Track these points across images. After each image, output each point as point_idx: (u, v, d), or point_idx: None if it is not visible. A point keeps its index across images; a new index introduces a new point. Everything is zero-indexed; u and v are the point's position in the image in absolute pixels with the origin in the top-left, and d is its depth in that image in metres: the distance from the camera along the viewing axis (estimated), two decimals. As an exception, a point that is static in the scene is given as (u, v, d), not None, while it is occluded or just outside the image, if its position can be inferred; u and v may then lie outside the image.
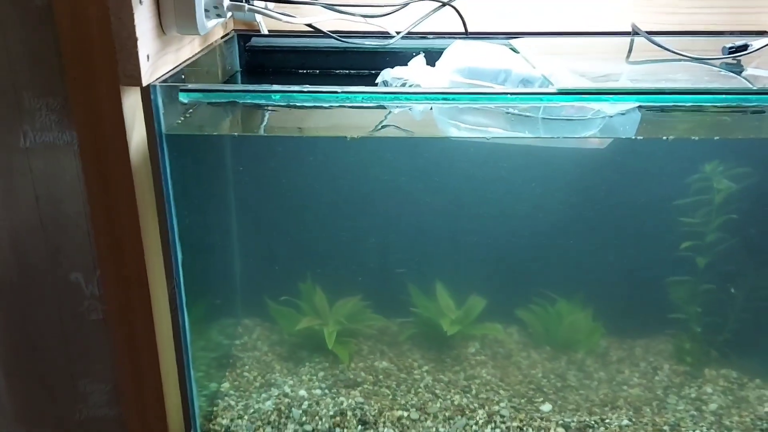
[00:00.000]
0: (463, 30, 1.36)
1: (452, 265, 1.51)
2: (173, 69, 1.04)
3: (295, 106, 1.02)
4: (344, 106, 1.02)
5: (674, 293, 1.43)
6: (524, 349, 1.50)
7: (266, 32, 1.39)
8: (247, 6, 1.14)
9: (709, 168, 1.38)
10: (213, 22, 1.09)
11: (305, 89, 1.00)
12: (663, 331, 1.48)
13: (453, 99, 1.04)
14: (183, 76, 1.06)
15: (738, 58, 1.20)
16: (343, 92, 1.01)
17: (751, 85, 1.07)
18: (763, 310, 1.40)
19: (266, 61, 1.37)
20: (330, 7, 1.24)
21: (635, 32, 1.28)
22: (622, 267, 1.45)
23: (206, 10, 1.06)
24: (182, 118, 1.07)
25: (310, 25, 1.25)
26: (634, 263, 1.44)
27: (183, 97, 1.01)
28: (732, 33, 1.43)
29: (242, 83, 1.35)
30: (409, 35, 1.33)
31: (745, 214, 1.37)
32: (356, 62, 1.38)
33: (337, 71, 1.37)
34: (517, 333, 1.53)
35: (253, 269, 1.50)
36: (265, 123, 1.14)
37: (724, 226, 1.36)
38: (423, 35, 1.36)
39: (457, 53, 1.24)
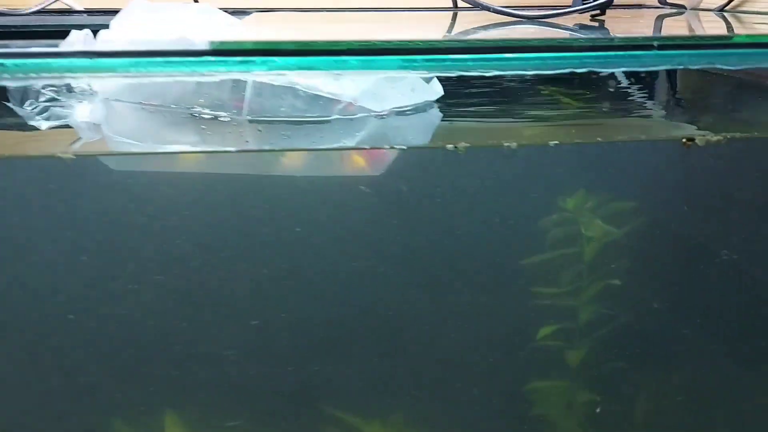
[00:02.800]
0: None
1: (190, 382, 0.92)
2: None
3: None
4: None
5: (540, 406, 0.90)
6: None
7: None
8: None
9: (572, 204, 0.88)
10: None
11: None
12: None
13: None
14: None
15: (598, 16, 0.72)
16: None
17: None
18: (679, 425, 0.89)
19: None
20: None
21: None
22: (459, 371, 0.91)
23: None
24: None
25: None
26: (476, 363, 0.91)
27: None
28: None
29: None
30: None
31: (636, 276, 0.88)
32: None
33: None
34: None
35: None
36: None
37: (603, 296, 0.85)
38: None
39: (131, 18, 0.71)
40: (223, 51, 0.44)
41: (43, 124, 0.81)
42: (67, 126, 0.81)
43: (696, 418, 0.90)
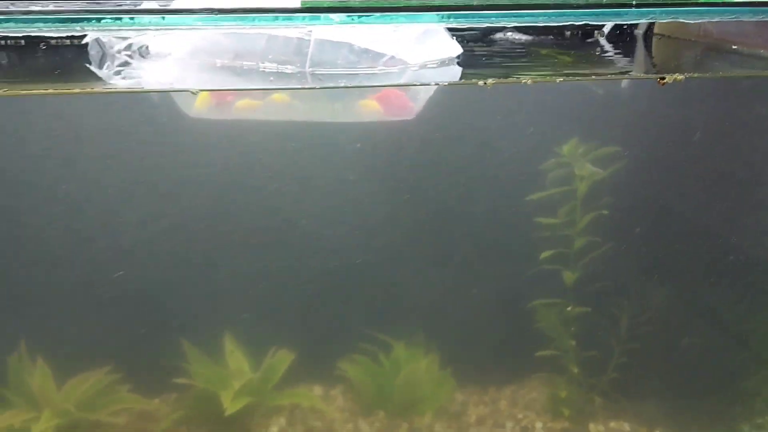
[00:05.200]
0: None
1: (243, 304, 1.07)
2: None
3: None
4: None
5: (540, 321, 1.06)
6: (351, 419, 1.08)
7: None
8: None
9: (567, 150, 1.04)
10: None
11: None
12: (532, 374, 1.10)
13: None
14: None
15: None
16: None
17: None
18: (655, 337, 1.06)
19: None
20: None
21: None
22: (470, 291, 1.07)
23: None
24: None
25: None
26: (486, 285, 1.07)
27: None
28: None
29: None
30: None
31: (620, 209, 1.04)
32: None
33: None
34: (341, 396, 1.11)
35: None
36: None
37: (593, 226, 1.02)
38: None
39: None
40: (312, 8, 0.59)
41: (120, 83, 0.95)
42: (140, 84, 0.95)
43: (671, 330, 1.07)
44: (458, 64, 0.85)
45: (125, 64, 0.95)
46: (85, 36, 0.92)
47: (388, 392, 1.09)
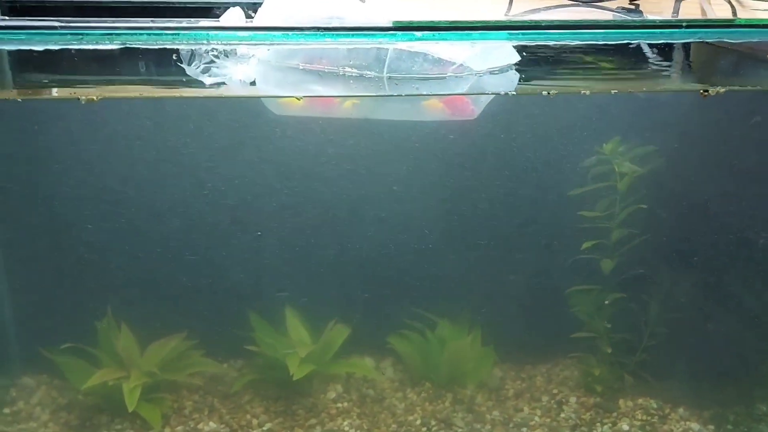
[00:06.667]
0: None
1: (304, 282, 1.18)
2: None
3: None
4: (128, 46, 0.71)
5: (577, 306, 1.15)
6: (400, 389, 1.18)
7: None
8: None
9: (608, 148, 1.12)
10: None
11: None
12: (567, 353, 1.20)
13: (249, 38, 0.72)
14: None
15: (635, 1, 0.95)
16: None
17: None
18: (682, 322, 1.15)
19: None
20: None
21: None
22: (513, 275, 1.16)
23: None
24: None
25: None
26: (528, 270, 1.16)
27: None
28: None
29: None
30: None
31: (656, 203, 1.12)
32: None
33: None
34: (391, 368, 1.21)
35: (31, 306, 1.11)
36: None
37: (631, 219, 1.10)
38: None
39: (278, 1, 0.93)
40: (401, 27, 0.68)
41: (207, 80, 1.05)
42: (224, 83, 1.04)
43: (697, 316, 1.15)
44: (516, 70, 0.93)
45: (211, 63, 1.05)
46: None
47: (433, 366, 1.19)
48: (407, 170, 1.04)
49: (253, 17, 1.10)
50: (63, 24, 0.68)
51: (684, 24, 0.71)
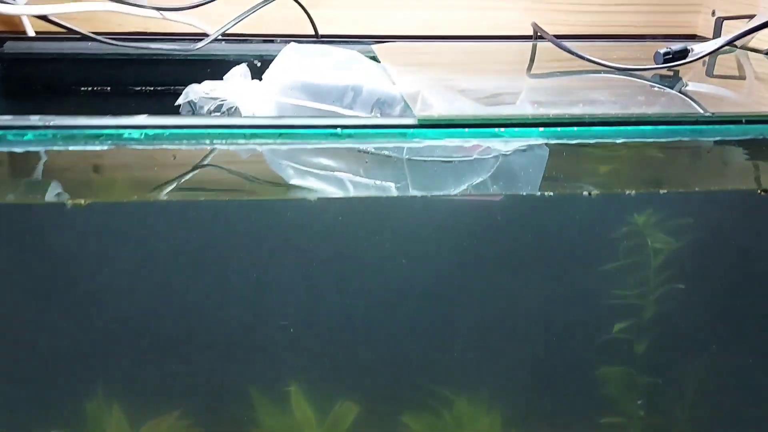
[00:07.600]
0: (312, 32, 1.00)
1: (310, 359, 1.09)
2: None
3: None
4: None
5: (608, 388, 1.07)
6: (413, 476, 1.10)
7: (33, 33, 1.00)
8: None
9: (641, 220, 1.03)
10: None
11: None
12: (595, 437, 1.11)
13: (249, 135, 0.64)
14: None
15: (675, 68, 0.86)
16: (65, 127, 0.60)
17: (703, 110, 0.71)
18: (720, 404, 1.06)
19: (32, 74, 0.99)
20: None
21: (538, 35, 0.93)
22: (537, 355, 1.08)
23: None
24: None
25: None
26: (555, 349, 1.07)
27: None
28: (655, 37, 1.12)
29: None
30: (233, 38, 0.95)
31: (691, 280, 1.04)
32: (163, 76, 0.98)
33: (136, 88, 1.03)
34: (403, 450, 1.13)
35: (13, 391, 1.03)
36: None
37: (665, 297, 1.01)
38: (247, 38, 0.97)
39: (289, 63, 0.85)
40: (429, 124, 0.60)
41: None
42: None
43: (738, 400, 1.06)
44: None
45: (218, 108, 0.97)
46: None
47: (449, 448, 1.11)
48: (422, 244, 0.96)
49: (259, 67, 1.02)
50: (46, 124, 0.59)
51: (743, 120, 0.63)
